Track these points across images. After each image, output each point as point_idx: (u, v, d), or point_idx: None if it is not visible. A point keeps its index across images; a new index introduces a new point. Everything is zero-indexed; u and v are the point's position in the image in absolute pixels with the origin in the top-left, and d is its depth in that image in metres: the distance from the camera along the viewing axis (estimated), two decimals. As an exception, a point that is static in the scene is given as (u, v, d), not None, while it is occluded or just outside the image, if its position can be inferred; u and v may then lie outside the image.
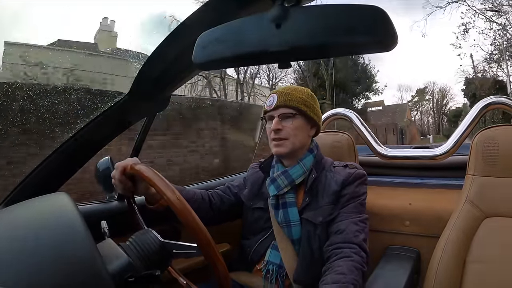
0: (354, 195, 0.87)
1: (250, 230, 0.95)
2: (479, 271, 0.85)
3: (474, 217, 0.91)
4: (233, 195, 0.99)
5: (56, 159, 0.81)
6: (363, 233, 0.82)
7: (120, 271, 0.53)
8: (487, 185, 0.93)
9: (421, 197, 1.16)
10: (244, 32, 0.38)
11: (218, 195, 0.98)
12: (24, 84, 3.48)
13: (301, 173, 0.89)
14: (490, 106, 1.11)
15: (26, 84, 3.54)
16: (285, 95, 0.89)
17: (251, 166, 1.05)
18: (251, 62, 0.43)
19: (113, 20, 11.97)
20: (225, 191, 1.00)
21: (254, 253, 0.91)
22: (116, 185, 0.78)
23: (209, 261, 0.58)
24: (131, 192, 0.79)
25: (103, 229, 0.64)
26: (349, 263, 0.74)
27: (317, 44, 0.35)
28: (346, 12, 0.34)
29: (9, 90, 3.04)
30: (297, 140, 0.89)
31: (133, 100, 0.81)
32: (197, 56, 0.41)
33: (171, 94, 0.87)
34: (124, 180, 0.76)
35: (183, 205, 0.59)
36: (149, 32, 20.26)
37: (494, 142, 0.93)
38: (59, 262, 0.47)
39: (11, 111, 3.08)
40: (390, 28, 0.34)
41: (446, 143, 1.17)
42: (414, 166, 1.31)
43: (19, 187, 0.79)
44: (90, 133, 0.81)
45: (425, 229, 1.06)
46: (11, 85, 3.15)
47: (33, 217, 0.57)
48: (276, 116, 0.89)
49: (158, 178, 0.64)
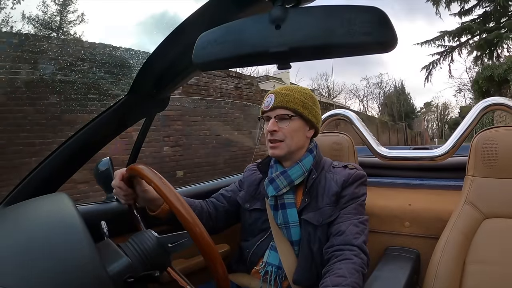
0: (354, 196, 0.87)
1: (248, 232, 0.94)
2: (478, 272, 0.85)
3: (474, 218, 0.91)
4: (227, 202, 0.98)
5: (56, 160, 0.81)
6: (363, 234, 0.81)
7: (119, 271, 0.53)
8: (486, 186, 0.93)
9: (421, 198, 1.16)
10: (244, 33, 0.38)
11: (213, 203, 0.97)
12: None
13: (300, 173, 0.88)
14: (490, 107, 1.11)
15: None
16: (282, 95, 0.87)
17: (247, 168, 1.04)
18: (251, 62, 0.43)
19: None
20: (219, 199, 0.98)
21: (253, 255, 0.90)
22: (117, 194, 0.78)
23: (208, 263, 0.58)
24: (132, 199, 0.79)
25: (103, 229, 0.64)
26: (350, 265, 0.74)
27: (316, 45, 0.35)
28: (346, 13, 0.34)
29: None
30: (293, 142, 0.87)
31: (133, 100, 0.81)
32: (197, 56, 0.41)
33: (171, 94, 0.87)
34: (123, 186, 0.76)
35: (175, 198, 0.59)
36: (149, 32, 20.21)
37: (494, 143, 0.93)
38: (59, 263, 0.47)
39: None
40: (390, 29, 0.34)
41: (445, 144, 1.17)
42: (413, 167, 1.31)
43: (19, 187, 0.79)
44: (89, 133, 0.81)
45: (424, 230, 1.06)
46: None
47: (32, 218, 0.57)
48: (272, 117, 0.87)
49: (152, 173, 0.64)
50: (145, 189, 0.77)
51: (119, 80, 3.75)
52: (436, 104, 21.51)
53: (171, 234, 0.62)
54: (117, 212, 0.93)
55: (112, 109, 0.81)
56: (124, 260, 0.55)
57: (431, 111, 22.03)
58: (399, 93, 19.22)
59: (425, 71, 13.77)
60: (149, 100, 0.84)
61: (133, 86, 0.78)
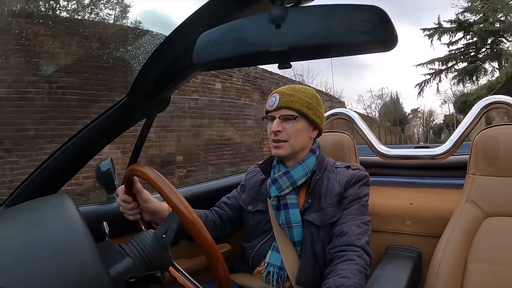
0: (356, 197, 0.87)
1: (251, 234, 0.94)
2: (480, 271, 0.85)
3: (475, 216, 0.91)
4: (230, 209, 0.97)
5: (57, 160, 0.81)
6: (366, 235, 0.81)
7: (120, 272, 0.53)
8: (487, 185, 0.93)
9: (422, 196, 1.15)
10: (244, 33, 0.38)
11: (216, 212, 0.96)
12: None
13: (303, 174, 0.88)
14: (491, 105, 1.10)
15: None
16: (287, 95, 0.86)
17: (249, 171, 1.04)
18: (251, 62, 0.43)
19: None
20: (221, 207, 0.97)
21: (255, 255, 0.90)
22: (124, 211, 0.76)
23: (210, 263, 0.58)
24: (138, 213, 0.77)
25: (104, 230, 0.65)
26: (353, 266, 0.73)
27: (316, 44, 0.35)
28: (346, 12, 0.34)
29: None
30: (297, 142, 0.87)
31: (133, 101, 0.81)
32: (197, 56, 0.41)
33: (171, 95, 0.87)
34: (128, 199, 0.74)
35: (175, 196, 0.59)
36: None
37: (495, 141, 0.93)
38: (60, 263, 0.47)
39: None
40: (390, 28, 0.34)
41: (446, 143, 1.17)
42: (414, 166, 1.30)
43: (20, 188, 0.79)
44: (90, 134, 0.81)
45: (426, 229, 1.06)
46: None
47: (34, 219, 0.57)
48: (277, 117, 0.87)
49: (150, 170, 0.63)
50: (147, 199, 0.75)
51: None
52: (422, 110, 24.32)
53: (161, 225, 0.60)
54: (119, 212, 0.92)
55: (112, 110, 0.81)
56: (126, 261, 0.55)
57: (417, 117, 24.95)
58: (395, 103, 22.44)
59: (418, 87, 17.29)
60: (150, 101, 0.84)
61: (133, 86, 0.78)
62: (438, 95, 19.23)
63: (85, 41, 3.65)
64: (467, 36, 14.82)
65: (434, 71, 16.37)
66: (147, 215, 0.78)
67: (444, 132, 20.45)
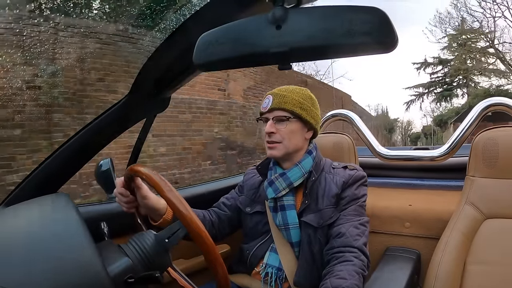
0: (354, 197, 0.87)
1: (250, 235, 0.94)
2: (479, 273, 0.85)
3: (474, 218, 0.91)
4: (229, 209, 0.97)
5: (56, 160, 0.80)
6: (364, 236, 0.81)
7: (119, 272, 0.53)
8: (487, 187, 0.93)
9: (421, 198, 1.15)
10: (244, 33, 0.38)
11: (215, 212, 0.96)
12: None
13: (299, 175, 0.88)
14: (491, 107, 1.10)
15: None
16: (280, 97, 0.86)
17: (247, 172, 1.04)
18: (251, 63, 0.43)
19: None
20: (220, 208, 0.98)
21: (253, 256, 0.90)
22: (119, 202, 0.77)
23: (209, 263, 0.58)
24: (134, 207, 0.78)
25: (103, 230, 0.64)
26: (350, 267, 0.73)
27: (317, 45, 0.35)
28: (346, 13, 0.34)
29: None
30: (291, 143, 0.87)
31: (134, 101, 0.81)
32: (197, 56, 0.41)
33: (171, 95, 0.87)
34: (124, 192, 0.75)
35: (175, 196, 0.59)
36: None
37: (494, 143, 0.93)
38: (59, 263, 0.47)
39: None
40: (390, 29, 0.34)
41: (446, 144, 1.17)
42: (414, 168, 1.31)
43: (20, 187, 0.79)
44: (90, 133, 0.81)
45: (425, 231, 1.06)
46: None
47: (33, 218, 0.57)
48: (270, 118, 0.87)
49: (149, 170, 0.63)
50: (145, 195, 0.75)
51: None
52: (401, 120, 28.10)
53: (165, 228, 0.61)
54: (118, 212, 0.92)
55: (112, 110, 0.81)
56: (125, 261, 0.55)
57: (397, 126, 28.66)
58: (385, 115, 26.30)
59: (406, 105, 22.38)
60: (150, 101, 0.84)
61: (133, 86, 0.78)
62: (420, 111, 23.43)
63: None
64: (445, 69, 20.10)
65: (418, 93, 21.52)
66: (144, 210, 0.78)
67: (420, 140, 23.73)
